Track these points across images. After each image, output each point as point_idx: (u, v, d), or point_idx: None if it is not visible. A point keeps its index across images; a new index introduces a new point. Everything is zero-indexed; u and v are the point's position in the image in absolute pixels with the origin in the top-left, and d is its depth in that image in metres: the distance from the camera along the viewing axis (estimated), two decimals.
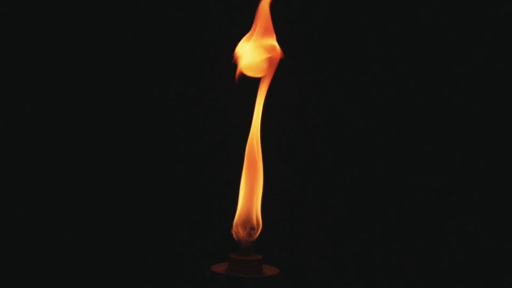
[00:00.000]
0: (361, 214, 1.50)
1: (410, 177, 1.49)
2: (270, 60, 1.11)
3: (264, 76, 1.12)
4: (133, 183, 1.49)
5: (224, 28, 1.46)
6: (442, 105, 1.49)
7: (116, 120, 1.48)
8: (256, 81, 1.13)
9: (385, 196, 1.50)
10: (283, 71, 1.14)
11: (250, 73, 1.11)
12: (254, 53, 1.11)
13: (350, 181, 1.51)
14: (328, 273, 1.50)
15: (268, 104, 1.15)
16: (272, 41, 1.11)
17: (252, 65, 1.11)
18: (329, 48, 1.50)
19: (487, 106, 1.48)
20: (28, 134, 1.45)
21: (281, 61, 1.10)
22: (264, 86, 1.12)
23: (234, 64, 1.10)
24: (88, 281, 1.44)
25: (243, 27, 1.15)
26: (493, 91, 1.48)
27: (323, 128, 1.51)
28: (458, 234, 1.48)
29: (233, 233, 1.09)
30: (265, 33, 1.11)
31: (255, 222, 1.09)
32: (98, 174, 1.47)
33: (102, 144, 1.48)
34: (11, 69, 1.44)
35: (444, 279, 1.48)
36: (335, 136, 1.50)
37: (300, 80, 1.49)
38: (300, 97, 1.50)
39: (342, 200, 1.51)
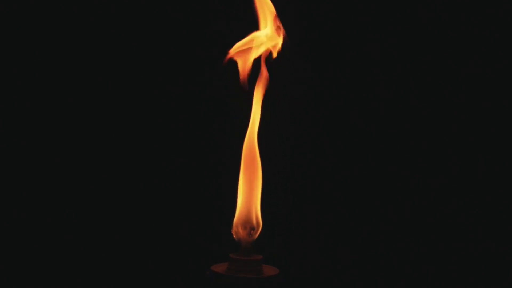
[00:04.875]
0: (361, 215, 1.50)
1: (410, 177, 1.49)
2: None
3: (261, 76, 1.13)
4: (133, 183, 1.49)
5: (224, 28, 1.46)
6: (442, 105, 1.49)
7: (116, 120, 1.48)
8: (254, 80, 1.14)
9: (385, 196, 1.50)
10: (281, 71, 1.15)
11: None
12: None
13: (350, 181, 1.51)
14: (328, 273, 1.50)
15: (267, 103, 1.15)
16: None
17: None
18: (329, 47, 1.50)
19: (487, 106, 1.48)
20: (28, 134, 1.45)
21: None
22: (261, 86, 1.13)
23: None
24: (88, 281, 1.45)
25: (243, 27, 1.15)
26: (493, 91, 1.48)
27: (323, 128, 1.51)
28: (458, 234, 1.48)
29: (233, 233, 1.09)
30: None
31: (255, 222, 1.09)
32: (98, 174, 1.47)
33: (102, 144, 1.48)
34: (11, 69, 1.44)
35: (444, 279, 1.48)
36: (335, 136, 1.50)
37: (300, 79, 1.49)
38: (300, 96, 1.49)
39: (342, 200, 1.51)
